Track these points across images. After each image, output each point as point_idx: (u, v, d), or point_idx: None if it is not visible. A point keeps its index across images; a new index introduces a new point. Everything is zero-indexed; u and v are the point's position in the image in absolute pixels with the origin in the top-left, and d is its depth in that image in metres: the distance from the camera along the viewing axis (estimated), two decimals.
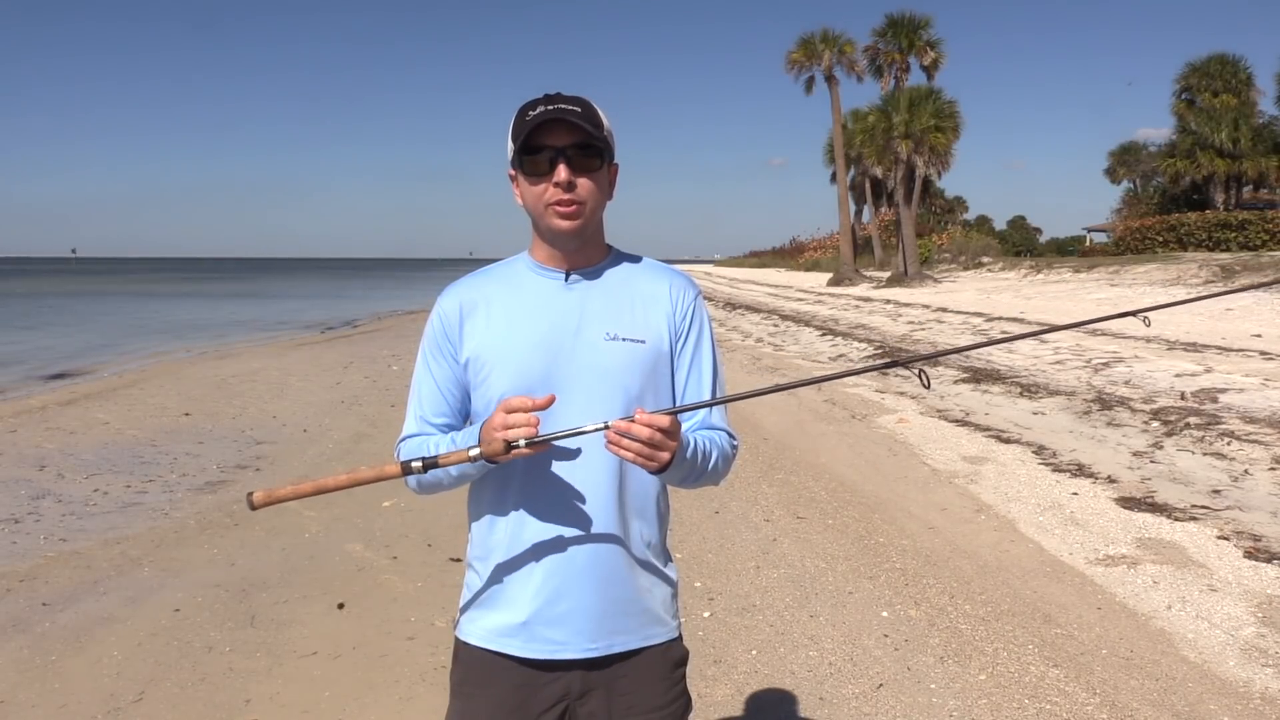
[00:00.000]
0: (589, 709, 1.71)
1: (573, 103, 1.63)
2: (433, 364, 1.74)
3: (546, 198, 1.64)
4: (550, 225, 1.66)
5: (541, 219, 1.67)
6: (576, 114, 1.61)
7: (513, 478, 1.67)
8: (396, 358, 16.28)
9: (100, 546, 5.72)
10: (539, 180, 1.64)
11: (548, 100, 1.64)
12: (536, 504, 1.66)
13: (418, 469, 1.54)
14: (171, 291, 61.82)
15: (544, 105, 1.62)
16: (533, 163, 1.63)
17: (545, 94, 1.66)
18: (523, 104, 1.66)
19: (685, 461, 1.60)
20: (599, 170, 1.66)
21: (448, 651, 1.82)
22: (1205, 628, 4.09)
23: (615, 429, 1.48)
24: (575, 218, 1.65)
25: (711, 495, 6.32)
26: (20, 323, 30.17)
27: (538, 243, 1.73)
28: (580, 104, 1.64)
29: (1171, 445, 7.43)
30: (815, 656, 3.94)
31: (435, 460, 1.54)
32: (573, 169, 1.62)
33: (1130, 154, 53.78)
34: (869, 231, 53.64)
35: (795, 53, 40.34)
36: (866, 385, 11.52)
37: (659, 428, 1.48)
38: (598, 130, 1.63)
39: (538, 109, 1.62)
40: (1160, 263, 27.85)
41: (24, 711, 3.60)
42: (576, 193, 1.63)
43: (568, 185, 1.62)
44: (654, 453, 1.49)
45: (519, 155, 1.64)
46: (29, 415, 10.71)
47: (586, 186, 1.64)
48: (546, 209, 1.65)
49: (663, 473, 1.56)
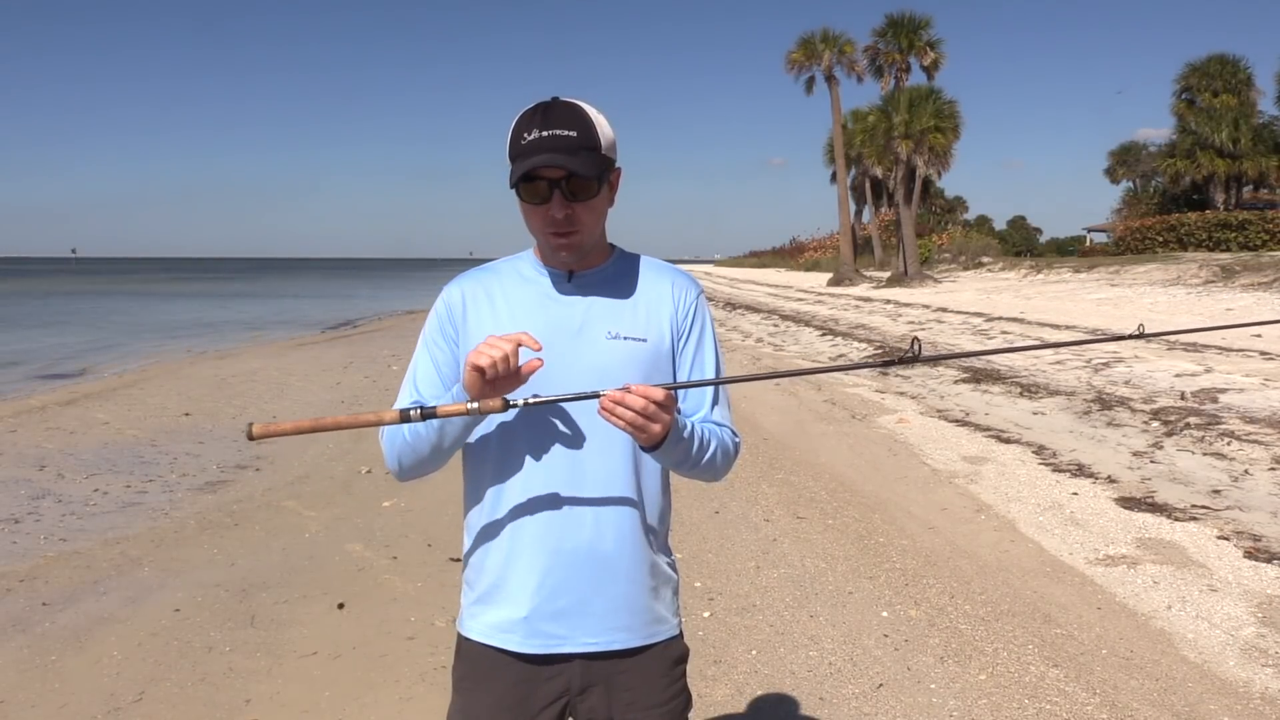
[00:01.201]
0: (589, 705, 1.72)
1: (569, 123, 1.59)
2: (433, 347, 1.73)
3: (545, 225, 1.63)
4: (550, 246, 1.67)
5: (541, 239, 1.68)
6: (572, 140, 1.57)
7: (511, 473, 1.67)
8: (396, 358, 16.27)
9: (100, 546, 5.72)
10: (536, 207, 1.63)
11: (544, 120, 1.59)
12: (536, 500, 1.66)
13: (415, 417, 1.51)
14: (172, 291, 61.80)
15: (539, 129, 1.58)
16: (529, 190, 1.61)
17: (541, 106, 1.62)
18: (519, 115, 1.62)
19: (682, 441, 1.60)
20: (597, 195, 1.63)
21: (447, 651, 1.82)
22: (1205, 628, 4.09)
23: (609, 397, 1.49)
24: (574, 245, 1.65)
25: (711, 495, 6.32)
26: (20, 323, 30.18)
27: (540, 244, 1.74)
28: (577, 124, 1.59)
29: (1171, 445, 7.43)
30: (815, 656, 3.94)
31: (434, 410, 1.52)
32: (570, 197, 1.60)
33: (1130, 154, 53.82)
34: (869, 231, 53.66)
35: (795, 53, 40.37)
36: (866, 385, 11.53)
37: (652, 399, 1.49)
38: (594, 153, 1.60)
39: (532, 132, 1.58)
40: (1160, 263, 27.87)
41: (24, 711, 3.60)
42: (574, 223, 1.62)
43: (565, 220, 1.61)
44: (646, 423, 1.50)
45: (515, 182, 1.61)
46: (29, 415, 10.71)
47: (584, 212, 1.63)
48: (545, 235, 1.65)
49: (657, 449, 1.56)
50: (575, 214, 1.61)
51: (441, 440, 1.62)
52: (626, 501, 1.69)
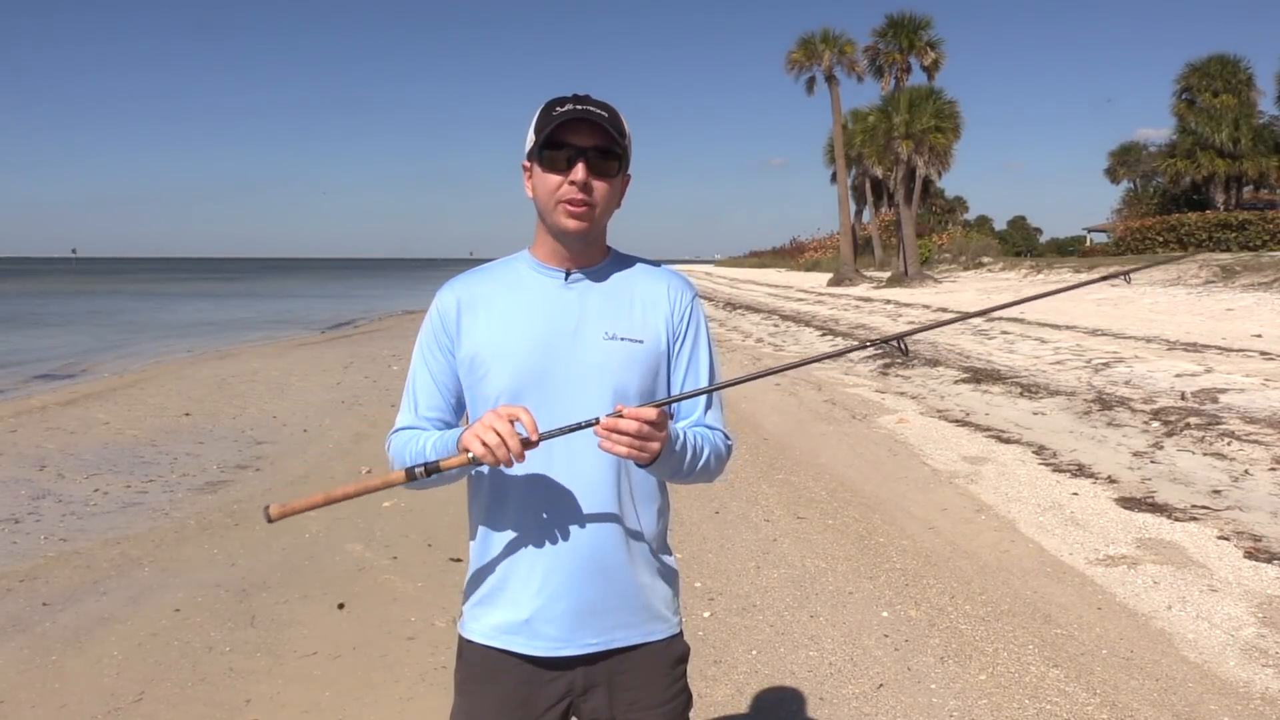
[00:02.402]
0: (592, 705, 1.72)
1: (601, 107, 1.65)
2: (429, 358, 1.74)
3: (560, 194, 1.64)
4: (558, 222, 1.67)
5: (550, 214, 1.68)
6: (603, 118, 1.63)
7: (512, 477, 1.67)
8: (396, 358, 16.27)
9: (100, 546, 5.72)
10: (556, 176, 1.64)
11: (577, 100, 1.65)
12: (536, 502, 1.67)
13: (420, 474, 1.55)
14: (172, 291, 61.82)
15: (572, 104, 1.64)
16: (552, 158, 1.64)
17: (575, 94, 1.67)
18: (550, 99, 1.67)
19: (675, 455, 1.60)
20: (615, 176, 1.67)
21: (448, 651, 1.82)
22: (1205, 628, 4.09)
23: (604, 425, 1.50)
24: (585, 219, 1.66)
25: (711, 495, 6.32)
26: (21, 323, 30.18)
27: (540, 240, 1.74)
28: (608, 110, 1.66)
29: (1172, 445, 7.43)
30: (815, 656, 3.94)
31: (437, 465, 1.55)
32: (591, 170, 1.63)
33: (1130, 154, 53.79)
34: (869, 232, 53.64)
35: (795, 53, 40.36)
36: (867, 385, 11.53)
37: (645, 420, 1.49)
38: (621, 137, 1.65)
39: (566, 106, 1.64)
40: (1160, 263, 27.85)
41: (24, 711, 3.60)
42: (591, 195, 1.64)
43: (584, 186, 1.63)
44: (644, 444, 1.50)
45: (540, 148, 1.65)
46: (29, 415, 10.71)
47: (601, 190, 1.65)
48: (557, 205, 1.65)
49: (651, 465, 1.57)
50: (593, 186, 1.64)
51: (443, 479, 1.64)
52: (626, 502, 1.69)
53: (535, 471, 1.66)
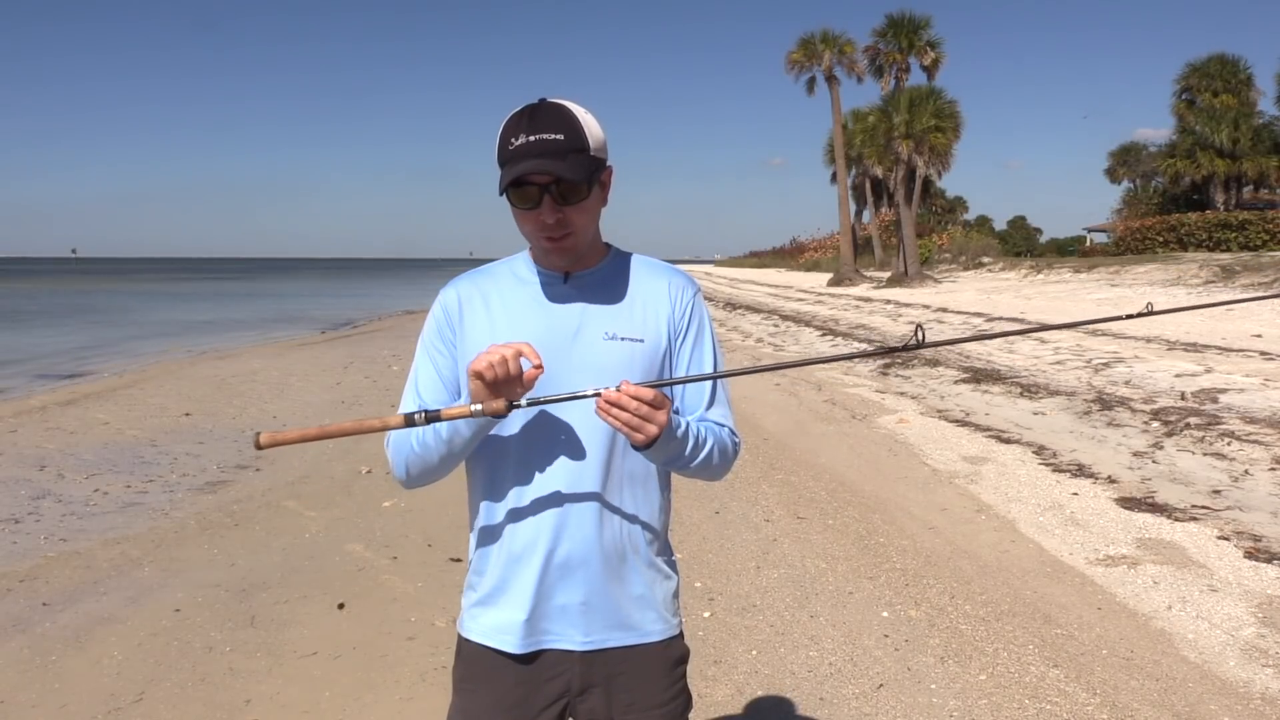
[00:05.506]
0: (589, 705, 1.72)
1: (556, 126, 1.57)
2: (433, 351, 1.74)
3: (537, 229, 1.63)
4: (543, 249, 1.68)
5: (535, 244, 1.69)
6: (559, 143, 1.56)
7: (509, 476, 1.67)
8: (396, 358, 16.28)
9: (100, 546, 5.72)
10: (527, 212, 1.62)
11: (530, 125, 1.58)
12: (535, 502, 1.66)
13: (420, 420, 1.52)
14: (172, 291, 61.80)
15: (525, 134, 1.57)
16: (519, 196, 1.60)
17: (528, 109, 1.61)
18: (506, 119, 1.61)
19: (675, 440, 1.60)
20: (587, 197, 1.63)
21: (448, 651, 1.82)
22: (1205, 628, 4.09)
23: (605, 398, 1.50)
24: (567, 249, 1.65)
25: (711, 495, 6.32)
26: (21, 322, 30.18)
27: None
28: (563, 127, 1.58)
29: (1172, 445, 7.43)
30: (815, 657, 3.94)
31: (438, 414, 1.52)
32: (559, 201, 1.59)
33: (1130, 154, 53.80)
34: (869, 232, 53.64)
35: (795, 53, 40.35)
36: (867, 385, 11.53)
37: (643, 400, 1.49)
38: (583, 155, 1.59)
39: (519, 138, 1.57)
40: (1160, 263, 27.87)
41: (24, 711, 3.60)
42: (567, 224, 1.62)
43: (556, 224, 1.61)
44: (641, 423, 1.50)
45: (504, 188, 1.60)
46: (29, 415, 10.71)
47: (576, 216, 1.62)
48: (538, 239, 1.65)
49: (649, 448, 1.56)
50: (566, 217, 1.61)
51: (451, 449, 1.62)
52: (626, 502, 1.69)
53: (533, 470, 1.66)
